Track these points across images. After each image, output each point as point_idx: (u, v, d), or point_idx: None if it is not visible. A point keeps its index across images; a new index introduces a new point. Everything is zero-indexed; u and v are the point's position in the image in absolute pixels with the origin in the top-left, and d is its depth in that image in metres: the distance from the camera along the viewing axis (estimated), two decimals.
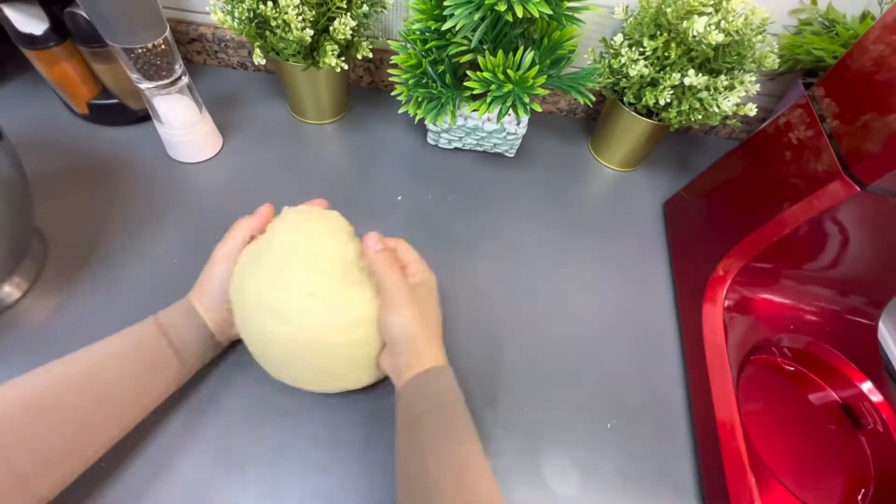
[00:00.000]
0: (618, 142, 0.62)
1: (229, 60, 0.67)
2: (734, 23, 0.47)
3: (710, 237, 0.50)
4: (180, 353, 0.35)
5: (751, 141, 0.47)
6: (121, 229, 0.49)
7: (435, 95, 0.49)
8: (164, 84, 0.48)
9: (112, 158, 0.55)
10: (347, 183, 0.58)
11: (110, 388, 0.32)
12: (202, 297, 0.37)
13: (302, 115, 0.63)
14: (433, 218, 0.56)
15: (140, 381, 0.34)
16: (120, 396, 0.33)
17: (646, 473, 0.41)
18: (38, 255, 0.45)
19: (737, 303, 0.46)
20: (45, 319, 0.42)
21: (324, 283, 0.35)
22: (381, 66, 0.66)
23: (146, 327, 0.35)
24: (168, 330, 0.35)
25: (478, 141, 0.60)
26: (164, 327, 0.35)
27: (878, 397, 0.44)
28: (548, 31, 0.48)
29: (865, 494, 0.41)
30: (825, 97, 0.40)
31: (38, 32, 0.48)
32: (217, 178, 0.55)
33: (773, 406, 0.45)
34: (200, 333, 0.37)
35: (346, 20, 0.49)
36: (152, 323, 0.35)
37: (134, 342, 0.35)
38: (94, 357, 0.33)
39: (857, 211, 0.38)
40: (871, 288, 0.47)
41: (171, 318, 0.36)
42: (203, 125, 0.54)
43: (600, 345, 0.48)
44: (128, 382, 0.33)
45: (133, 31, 0.42)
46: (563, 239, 0.56)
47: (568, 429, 0.43)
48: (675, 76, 0.50)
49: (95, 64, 0.52)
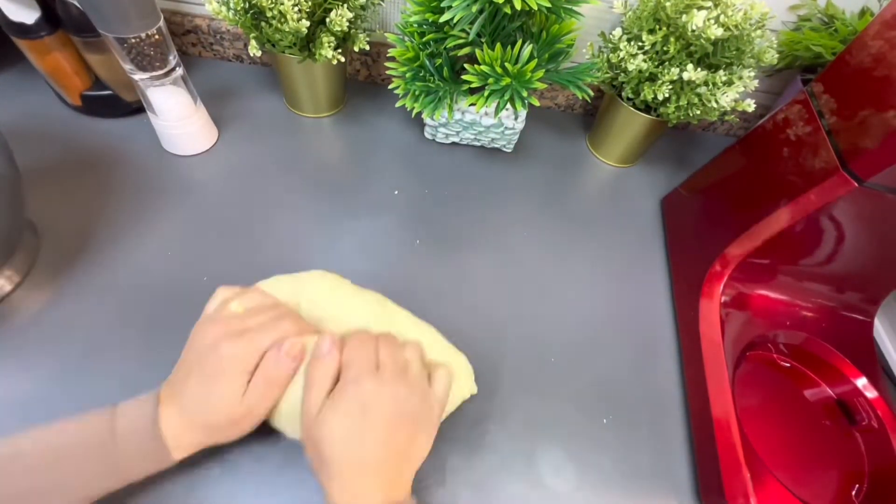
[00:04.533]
0: (616, 137, 0.62)
1: (225, 52, 0.67)
2: (733, 17, 0.47)
3: (707, 233, 0.50)
4: (123, 473, 0.29)
5: (749, 137, 0.47)
6: (114, 222, 0.49)
7: (432, 89, 0.49)
8: (158, 75, 0.47)
9: (105, 150, 0.54)
10: (343, 177, 0.57)
11: (58, 481, 0.28)
12: (180, 404, 0.30)
13: (298, 108, 0.62)
14: (430, 213, 0.55)
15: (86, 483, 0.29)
16: (69, 488, 0.28)
17: (642, 468, 0.41)
18: (31, 248, 0.45)
19: (733, 299, 0.46)
20: (36, 312, 0.42)
21: None
22: (379, 59, 0.65)
23: (96, 433, 0.29)
24: (120, 445, 0.29)
25: (475, 136, 0.60)
26: (115, 441, 0.29)
27: (873, 393, 0.44)
28: (546, 25, 0.47)
29: (859, 490, 0.41)
30: (823, 93, 0.40)
31: (29, 21, 0.47)
32: (212, 172, 0.55)
33: (768, 402, 0.46)
34: (159, 459, 0.30)
35: (342, 12, 0.49)
36: (105, 428, 0.29)
37: (77, 443, 0.29)
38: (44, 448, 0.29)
39: (855, 207, 0.38)
40: (867, 284, 0.47)
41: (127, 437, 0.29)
42: (198, 117, 0.54)
43: (597, 340, 0.48)
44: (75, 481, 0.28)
45: (126, 21, 0.42)
46: (560, 234, 0.56)
47: (564, 424, 0.43)
48: (673, 71, 0.50)
49: (88, 54, 0.51)
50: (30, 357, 0.40)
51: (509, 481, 0.39)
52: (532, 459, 0.41)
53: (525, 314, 0.49)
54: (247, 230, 0.50)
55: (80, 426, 0.29)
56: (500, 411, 0.42)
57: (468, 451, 0.40)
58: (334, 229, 0.52)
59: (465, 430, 0.41)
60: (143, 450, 0.29)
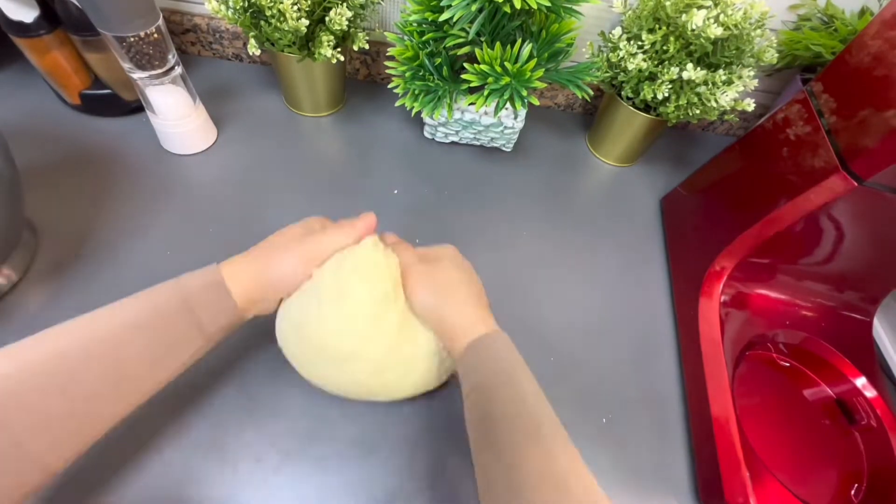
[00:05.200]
0: (615, 137, 0.62)
1: (224, 52, 0.67)
2: (733, 17, 0.47)
3: (706, 233, 0.50)
4: (205, 329, 0.32)
5: (748, 137, 0.47)
6: (113, 221, 0.49)
7: (432, 88, 0.49)
8: (157, 74, 0.47)
9: (104, 149, 0.54)
10: (343, 176, 0.57)
11: (126, 362, 0.30)
12: (243, 277, 0.33)
13: (297, 107, 0.62)
14: (429, 212, 0.55)
15: (159, 357, 0.31)
16: (136, 371, 0.30)
17: (641, 467, 0.41)
18: (29, 247, 0.45)
19: (733, 298, 0.46)
20: (35, 311, 0.42)
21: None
22: (378, 58, 0.65)
23: (169, 301, 0.32)
24: (195, 307, 0.32)
25: (475, 135, 0.60)
26: (189, 304, 0.32)
27: (872, 393, 0.44)
28: (546, 24, 0.47)
29: (858, 489, 0.41)
30: (823, 93, 0.40)
31: (28, 20, 0.47)
32: (211, 171, 0.55)
33: (767, 401, 0.46)
34: (229, 313, 0.33)
35: (342, 10, 0.49)
36: (175, 297, 0.32)
37: (156, 315, 0.31)
38: (112, 325, 0.30)
39: (854, 207, 0.38)
40: (866, 284, 0.47)
41: (197, 294, 0.32)
42: (197, 117, 0.54)
43: (596, 339, 0.48)
44: (146, 357, 0.31)
45: (125, 19, 0.42)
46: (559, 234, 0.56)
47: (563, 422, 0.43)
48: (673, 70, 0.50)
49: (87, 53, 0.51)
50: None
51: None
52: None
53: (524, 313, 0.49)
54: (246, 229, 0.50)
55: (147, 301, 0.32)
56: None
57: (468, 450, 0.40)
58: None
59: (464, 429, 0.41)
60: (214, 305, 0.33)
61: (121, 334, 0.30)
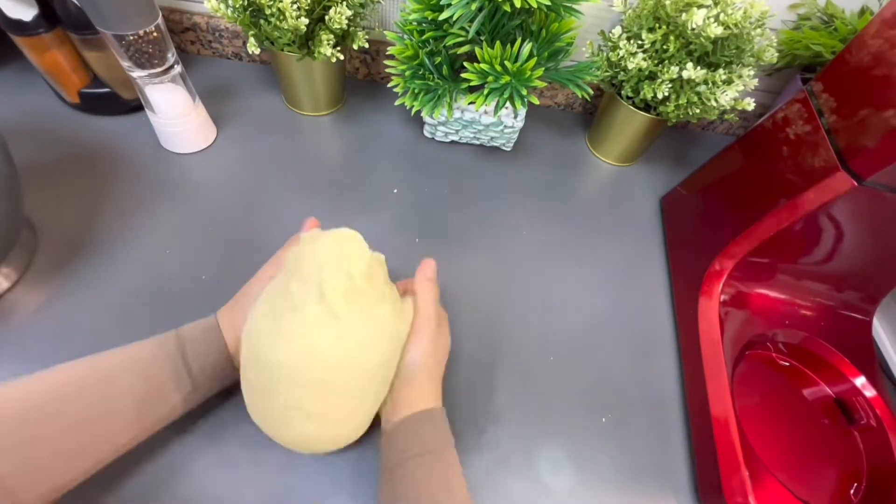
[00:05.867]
0: (615, 136, 0.62)
1: (223, 50, 0.66)
2: (733, 16, 0.47)
3: (706, 232, 0.49)
4: (193, 373, 0.33)
5: (748, 136, 0.47)
6: (112, 220, 0.48)
7: (432, 87, 0.49)
8: (156, 73, 0.47)
9: (104, 148, 0.54)
10: (343, 176, 0.57)
11: (112, 403, 0.30)
12: (232, 316, 0.35)
13: (297, 106, 0.62)
14: (429, 211, 0.55)
15: (145, 399, 0.31)
16: (121, 413, 0.31)
17: (640, 467, 0.41)
18: (28, 246, 0.45)
19: (732, 297, 0.46)
20: (34, 310, 0.42)
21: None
22: (378, 57, 0.65)
23: (163, 340, 0.33)
24: (185, 345, 0.33)
25: (475, 134, 0.60)
26: (182, 341, 0.33)
27: (872, 392, 0.44)
28: (546, 23, 0.47)
29: (858, 489, 0.41)
30: (823, 92, 0.39)
31: (27, 18, 0.47)
32: (210, 170, 0.55)
33: (767, 401, 0.46)
34: (218, 356, 0.34)
35: (341, 9, 0.49)
36: (171, 336, 0.33)
37: (148, 355, 0.32)
38: (102, 367, 0.31)
39: (854, 206, 0.38)
40: (866, 283, 0.47)
41: (190, 332, 0.34)
42: (196, 115, 0.53)
43: (596, 338, 0.48)
44: (131, 399, 0.31)
45: (124, 18, 0.42)
46: (559, 233, 0.56)
47: (563, 422, 0.43)
48: (673, 69, 0.50)
49: (86, 51, 0.51)
50: (27, 355, 0.40)
51: (508, 480, 0.39)
52: (531, 458, 0.40)
53: (524, 312, 0.49)
54: (245, 228, 0.50)
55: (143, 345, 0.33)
56: (498, 409, 0.42)
57: (467, 450, 0.40)
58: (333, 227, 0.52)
59: (463, 428, 0.41)
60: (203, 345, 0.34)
61: (107, 375, 0.31)
